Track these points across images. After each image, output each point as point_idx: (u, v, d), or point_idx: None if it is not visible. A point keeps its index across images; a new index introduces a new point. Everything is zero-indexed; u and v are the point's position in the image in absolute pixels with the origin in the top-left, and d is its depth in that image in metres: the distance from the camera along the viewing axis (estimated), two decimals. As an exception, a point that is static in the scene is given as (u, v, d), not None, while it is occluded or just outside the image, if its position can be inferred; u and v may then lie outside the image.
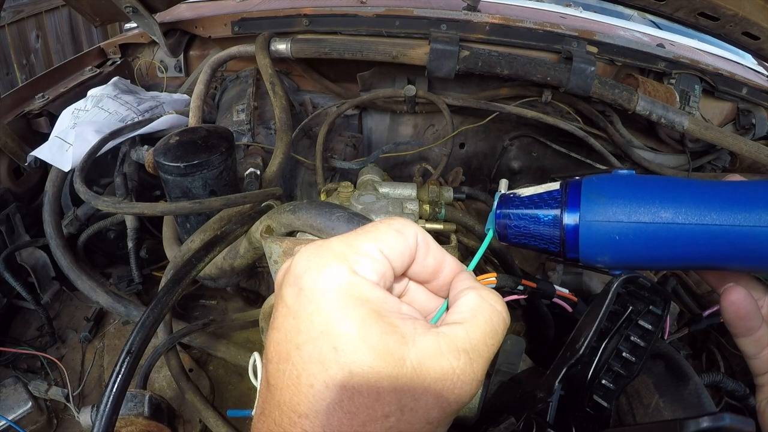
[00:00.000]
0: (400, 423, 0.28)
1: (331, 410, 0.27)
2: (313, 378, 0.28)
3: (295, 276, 0.30)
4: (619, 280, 0.47)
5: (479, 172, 1.83)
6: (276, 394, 0.29)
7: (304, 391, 0.28)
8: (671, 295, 1.16)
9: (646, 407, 0.67)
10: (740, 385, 0.93)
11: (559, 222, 0.44)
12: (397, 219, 0.34)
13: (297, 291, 0.29)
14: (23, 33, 3.46)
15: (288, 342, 0.29)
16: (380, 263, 0.31)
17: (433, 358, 0.29)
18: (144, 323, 0.64)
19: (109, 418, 0.56)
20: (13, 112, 1.38)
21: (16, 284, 1.19)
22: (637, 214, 0.41)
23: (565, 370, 0.46)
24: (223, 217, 1.03)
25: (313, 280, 0.29)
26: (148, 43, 1.72)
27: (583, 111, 1.60)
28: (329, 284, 0.29)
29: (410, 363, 0.28)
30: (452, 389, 0.29)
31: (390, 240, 0.32)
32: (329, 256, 0.30)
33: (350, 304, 0.28)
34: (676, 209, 0.41)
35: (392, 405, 0.28)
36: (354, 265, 0.30)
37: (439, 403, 0.29)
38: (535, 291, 0.57)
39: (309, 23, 1.57)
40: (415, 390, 0.28)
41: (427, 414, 0.29)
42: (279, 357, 0.29)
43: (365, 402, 0.27)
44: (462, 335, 0.30)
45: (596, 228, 0.43)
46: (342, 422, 0.27)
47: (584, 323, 0.48)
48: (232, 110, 1.43)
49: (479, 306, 0.32)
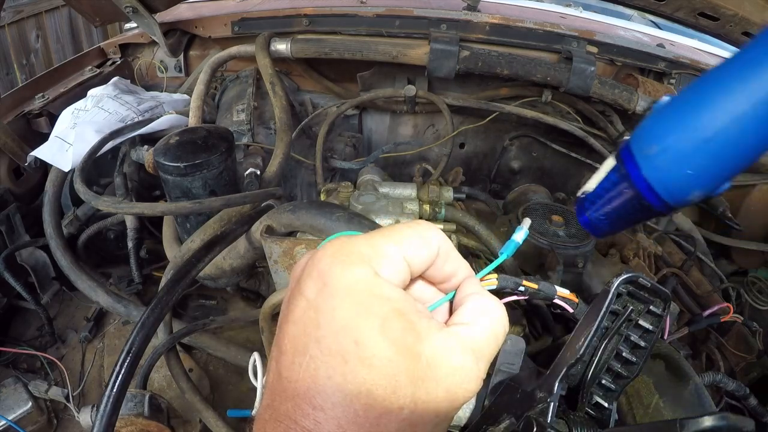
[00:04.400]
0: (413, 416, 0.29)
1: (347, 402, 0.28)
2: (332, 370, 0.28)
3: (318, 271, 0.30)
4: (619, 280, 0.47)
5: (479, 172, 1.83)
6: (289, 387, 0.29)
7: (322, 383, 0.28)
8: (671, 295, 1.16)
9: (646, 407, 0.67)
10: (740, 385, 0.93)
11: (635, 191, 0.44)
12: (424, 225, 0.35)
13: (321, 286, 0.30)
14: (23, 33, 3.46)
15: (306, 335, 0.29)
16: (402, 268, 0.32)
17: (445, 355, 0.30)
18: (144, 323, 0.64)
19: (109, 418, 0.56)
20: (13, 112, 1.38)
21: (16, 284, 1.19)
22: (686, 139, 0.40)
23: (565, 370, 0.46)
24: (223, 217, 1.03)
25: (337, 277, 0.30)
26: (148, 43, 1.72)
27: (583, 111, 1.60)
28: (353, 282, 0.30)
29: (425, 359, 0.29)
30: (460, 384, 0.30)
31: (414, 246, 0.33)
32: (355, 256, 0.31)
33: (373, 302, 0.29)
34: (714, 110, 0.39)
35: (407, 398, 0.29)
36: (378, 267, 0.31)
37: (449, 397, 0.30)
38: (536, 291, 0.57)
39: (309, 23, 1.57)
40: (428, 384, 0.29)
41: (437, 407, 0.30)
42: (295, 350, 0.30)
43: (382, 395, 0.28)
44: (469, 335, 0.32)
45: (663, 173, 0.42)
46: (357, 414, 0.28)
47: (584, 323, 0.48)
48: (232, 110, 1.43)
49: (484, 310, 0.34)
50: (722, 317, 0.96)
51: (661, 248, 1.29)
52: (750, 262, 1.50)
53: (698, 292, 1.28)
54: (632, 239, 1.29)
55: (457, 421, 0.58)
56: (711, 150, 0.40)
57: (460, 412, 0.58)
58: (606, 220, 0.47)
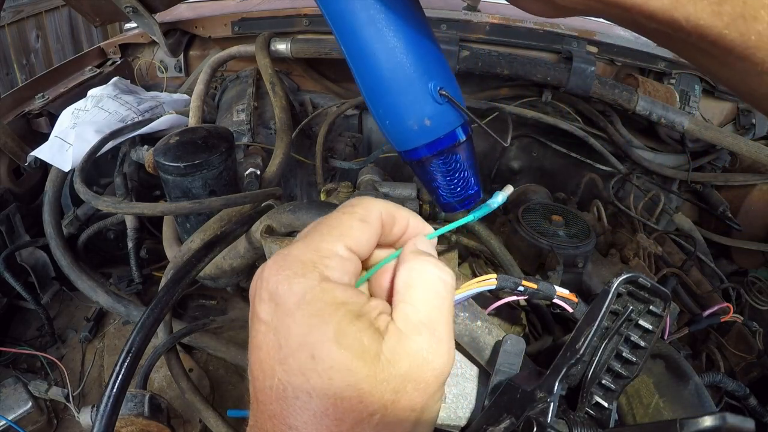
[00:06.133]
0: (387, 418, 0.28)
1: (318, 419, 0.28)
2: (297, 390, 0.28)
3: (268, 292, 0.30)
4: (619, 280, 0.47)
5: (479, 172, 1.83)
6: (266, 410, 0.29)
7: (291, 403, 0.28)
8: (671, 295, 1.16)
9: (646, 407, 0.67)
10: (740, 385, 0.93)
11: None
12: (359, 202, 0.33)
13: (273, 307, 0.29)
14: (23, 33, 3.46)
15: (271, 359, 0.29)
16: (350, 261, 0.31)
17: (401, 343, 0.29)
18: (144, 323, 0.64)
19: (109, 418, 0.56)
20: (13, 112, 1.38)
21: (16, 284, 1.19)
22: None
23: (565, 370, 0.46)
24: (223, 217, 1.03)
25: (286, 295, 0.29)
26: (148, 43, 1.72)
27: (583, 111, 1.60)
28: (301, 295, 0.29)
29: (385, 358, 0.28)
30: (425, 367, 0.29)
31: (356, 233, 0.32)
32: (298, 266, 0.29)
33: (325, 311, 0.28)
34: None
35: (375, 404, 0.28)
36: (324, 271, 0.30)
37: (419, 387, 0.29)
38: (536, 291, 0.57)
39: (309, 23, 1.57)
40: (393, 382, 0.28)
41: (411, 402, 0.29)
42: (264, 374, 0.29)
43: (350, 405, 0.27)
44: (413, 312, 0.31)
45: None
46: (330, 429, 0.28)
47: (584, 323, 0.48)
48: (232, 110, 1.43)
49: (412, 278, 0.32)
50: (722, 317, 0.96)
51: (661, 248, 1.29)
52: (750, 262, 1.50)
53: (698, 292, 1.28)
54: (632, 239, 1.29)
55: (457, 421, 0.58)
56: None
57: (460, 412, 0.58)
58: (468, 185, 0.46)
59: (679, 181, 1.59)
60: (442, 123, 0.40)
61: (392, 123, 0.40)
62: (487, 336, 0.61)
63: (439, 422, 0.58)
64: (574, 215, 1.23)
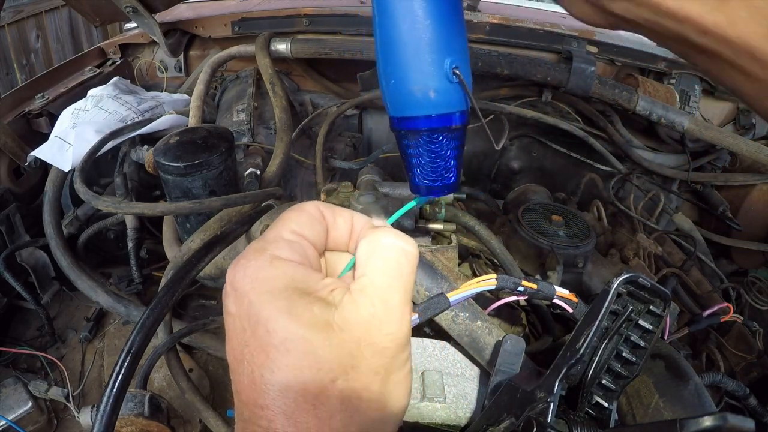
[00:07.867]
0: (348, 382, 0.29)
1: (284, 394, 0.28)
2: (262, 368, 0.29)
3: (231, 285, 0.31)
4: (619, 280, 0.47)
5: (479, 172, 1.83)
6: (243, 397, 0.30)
7: (259, 383, 0.29)
8: (671, 295, 1.16)
9: (646, 407, 0.67)
10: (740, 385, 0.92)
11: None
12: (301, 203, 0.36)
13: (234, 296, 0.31)
14: (23, 33, 3.46)
15: (240, 344, 0.30)
16: (297, 242, 0.33)
17: (353, 311, 0.30)
18: (144, 323, 0.64)
19: (109, 418, 0.56)
20: (13, 112, 1.38)
21: (16, 284, 1.19)
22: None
23: (565, 370, 0.46)
24: (223, 217, 1.03)
25: (242, 279, 0.30)
26: (148, 43, 1.72)
27: (583, 111, 1.60)
28: (254, 276, 0.30)
29: (336, 325, 0.29)
30: (378, 332, 0.30)
31: (295, 217, 0.34)
32: (250, 253, 0.32)
33: (275, 286, 0.30)
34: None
35: (335, 371, 0.29)
36: (273, 252, 0.32)
37: (377, 350, 0.30)
38: (535, 292, 0.57)
39: (309, 23, 1.57)
40: (348, 347, 0.29)
41: (372, 365, 0.30)
42: (236, 361, 0.30)
43: (309, 375, 0.28)
44: (369, 283, 0.32)
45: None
46: (297, 401, 0.28)
47: (584, 323, 0.48)
48: (232, 110, 1.43)
49: (371, 251, 0.33)
50: (722, 317, 0.96)
51: (661, 248, 1.29)
52: (750, 262, 1.50)
53: (698, 292, 1.28)
54: (632, 239, 1.29)
55: (457, 421, 0.58)
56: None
57: (460, 412, 0.58)
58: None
59: (679, 181, 1.59)
60: (445, 101, 0.40)
61: (396, 83, 0.40)
62: (487, 336, 0.61)
63: (439, 422, 0.58)
64: (574, 215, 1.23)
